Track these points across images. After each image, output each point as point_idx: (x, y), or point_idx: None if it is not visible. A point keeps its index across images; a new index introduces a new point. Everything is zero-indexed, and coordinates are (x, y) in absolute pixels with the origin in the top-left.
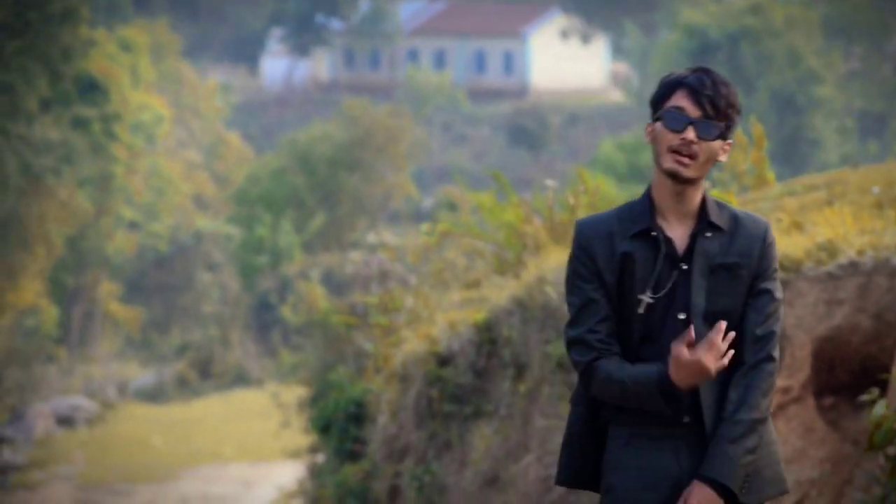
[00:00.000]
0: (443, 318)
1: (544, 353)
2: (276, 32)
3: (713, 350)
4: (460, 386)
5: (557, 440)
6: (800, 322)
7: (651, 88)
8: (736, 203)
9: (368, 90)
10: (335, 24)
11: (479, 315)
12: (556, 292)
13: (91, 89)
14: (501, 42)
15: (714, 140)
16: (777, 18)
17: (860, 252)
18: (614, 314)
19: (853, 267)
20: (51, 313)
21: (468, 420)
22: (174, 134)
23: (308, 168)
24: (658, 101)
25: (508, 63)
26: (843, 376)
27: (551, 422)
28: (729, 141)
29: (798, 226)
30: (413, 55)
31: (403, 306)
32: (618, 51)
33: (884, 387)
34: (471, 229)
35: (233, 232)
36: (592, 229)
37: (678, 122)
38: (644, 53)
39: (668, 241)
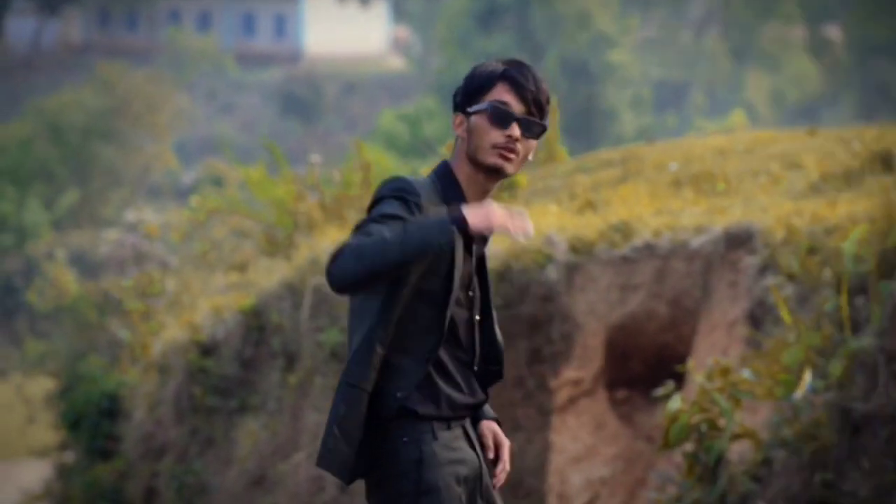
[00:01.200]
0: (206, 304)
1: (317, 341)
2: None
3: (517, 216)
4: (225, 378)
5: None
6: (592, 308)
7: (435, 55)
8: (525, 182)
9: (125, 54)
10: None
11: (247, 300)
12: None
13: None
14: (272, 3)
15: (534, 138)
16: None
17: (656, 234)
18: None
19: (649, 249)
20: None
21: (233, 415)
22: None
23: (58, 138)
24: (474, 93)
25: (280, 26)
26: (637, 367)
27: (324, 416)
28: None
29: (591, 205)
30: (175, 16)
31: (163, 290)
32: (399, 14)
33: (680, 379)
34: (239, 206)
35: None
36: (427, 197)
37: (505, 118)
38: (427, 17)
39: None
